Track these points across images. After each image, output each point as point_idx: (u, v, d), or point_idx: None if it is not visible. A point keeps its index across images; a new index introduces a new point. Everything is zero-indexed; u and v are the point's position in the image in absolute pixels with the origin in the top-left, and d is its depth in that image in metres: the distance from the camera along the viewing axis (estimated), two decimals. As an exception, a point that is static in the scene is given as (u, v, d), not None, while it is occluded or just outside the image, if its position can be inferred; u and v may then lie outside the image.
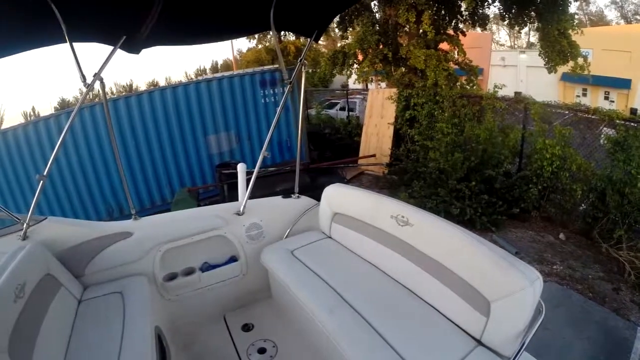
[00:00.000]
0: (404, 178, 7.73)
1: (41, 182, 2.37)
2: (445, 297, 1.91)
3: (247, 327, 2.66)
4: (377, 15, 9.84)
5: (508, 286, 1.64)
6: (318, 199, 2.88)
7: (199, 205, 6.55)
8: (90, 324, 2.17)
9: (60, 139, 2.36)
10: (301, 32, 3.27)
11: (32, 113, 34.63)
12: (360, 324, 1.88)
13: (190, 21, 2.40)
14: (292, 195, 2.97)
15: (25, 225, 2.43)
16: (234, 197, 3.59)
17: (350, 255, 2.53)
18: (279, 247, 2.65)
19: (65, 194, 7.70)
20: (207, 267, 2.69)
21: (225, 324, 2.72)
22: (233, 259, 2.75)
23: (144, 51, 2.46)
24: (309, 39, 2.84)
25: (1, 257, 2.43)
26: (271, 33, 2.67)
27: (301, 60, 2.80)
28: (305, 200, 2.96)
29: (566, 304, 4.18)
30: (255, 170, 2.78)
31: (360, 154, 9.67)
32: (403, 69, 9.21)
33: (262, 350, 2.45)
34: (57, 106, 30.87)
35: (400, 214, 2.20)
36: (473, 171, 6.50)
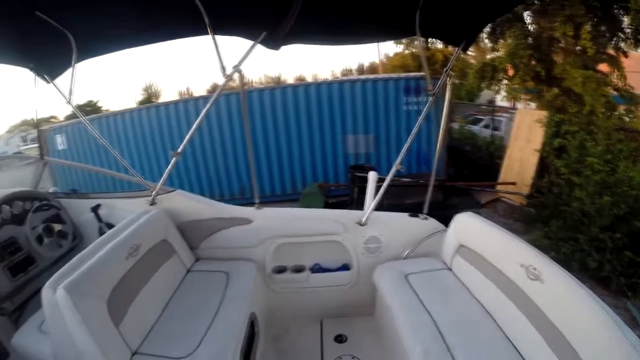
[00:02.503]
0: (542, 214, 6.91)
1: (174, 158, 2.55)
2: None
3: (340, 338, 2.61)
4: (530, 28, 8.95)
5: None
6: (446, 221, 2.64)
7: (326, 202, 6.86)
8: (191, 293, 2.30)
9: (197, 121, 2.54)
10: (448, 40, 3.11)
11: (186, 92, 40.11)
12: None
13: (331, 21, 2.38)
14: (420, 215, 2.77)
15: (154, 192, 2.68)
16: (363, 201, 3.69)
17: (467, 295, 2.24)
18: (394, 268, 2.49)
19: (195, 170, 8.75)
20: (317, 269, 2.72)
21: (320, 328, 2.70)
22: (345, 267, 2.72)
23: (290, 47, 2.51)
24: (456, 48, 2.64)
25: (127, 215, 2.73)
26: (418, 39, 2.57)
27: (447, 70, 2.66)
28: (432, 224, 2.75)
29: None
30: (386, 182, 2.64)
31: (500, 179, 8.88)
32: (556, 90, 8.13)
33: None
34: (210, 89, 35.02)
35: (533, 265, 1.86)
36: (620, 220, 5.51)
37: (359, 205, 6.01)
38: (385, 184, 2.65)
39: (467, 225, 2.49)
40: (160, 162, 8.79)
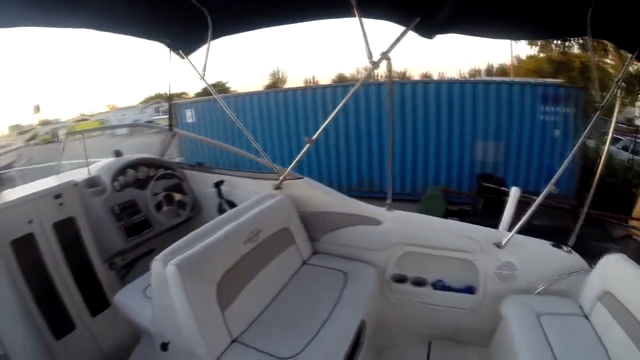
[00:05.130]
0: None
1: (308, 144, 2.47)
2: None
3: None
4: None
5: None
6: (580, 251, 2.29)
7: (447, 209, 6.44)
8: (305, 287, 2.19)
9: (336, 109, 2.43)
10: (622, 44, 2.59)
11: (311, 80, 41.73)
12: None
13: (492, 12, 2.08)
14: (564, 247, 2.39)
15: (282, 177, 2.62)
16: (486, 214, 3.28)
17: (602, 354, 1.88)
18: (525, 303, 2.16)
19: (326, 157, 8.74)
20: (439, 286, 2.43)
21: (427, 349, 2.49)
22: (469, 290, 2.40)
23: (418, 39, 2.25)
24: (630, 55, 2.19)
25: (249, 196, 2.73)
26: (586, 39, 2.16)
27: (618, 81, 2.20)
28: (576, 260, 2.34)
29: None
30: (537, 202, 2.30)
31: (635, 212, 7.50)
32: None
33: None
34: (335, 78, 35.73)
35: None
36: None
37: (482, 217, 5.58)
38: (535, 205, 2.30)
39: (618, 271, 2.07)
40: (283, 146, 8.98)
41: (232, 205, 3.02)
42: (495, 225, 2.43)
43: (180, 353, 1.84)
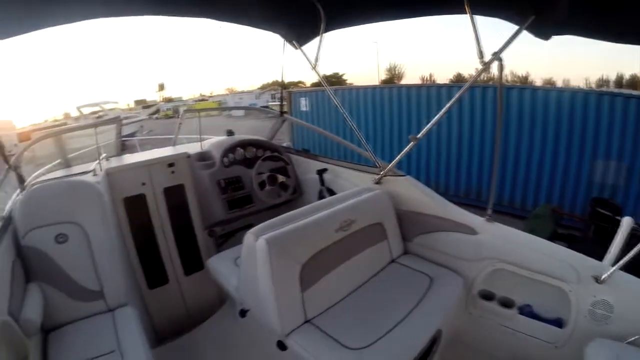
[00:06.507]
0: None
1: (412, 142, 2.44)
2: None
3: None
4: None
5: None
6: None
7: (555, 231, 5.97)
8: (388, 285, 2.16)
9: (443, 110, 2.35)
10: None
11: (428, 78, 41.41)
12: None
13: (616, 12, 1.79)
14: None
15: (383, 172, 2.63)
16: (596, 242, 2.88)
17: None
18: (615, 351, 1.79)
19: (425, 158, 8.62)
20: (527, 311, 2.18)
21: None
22: (557, 322, 2.09)
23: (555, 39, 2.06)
24: None
25: (350, 186, 2.82)
26: None
27: None
28: None
29: None
30: None
31: None
32: None
33: None
34: (452, 78, 35.01)
35: None
36: None
37: (592, 245, 5.06)
38: None
39: None
40: (393, 142, 9.05)
41: (332, 193, 3.12)
42: (602, 257, 2.14)
43: (256, 322, 1.94)
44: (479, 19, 2.00)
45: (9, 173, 2.35)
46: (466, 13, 1.97)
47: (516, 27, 1.97)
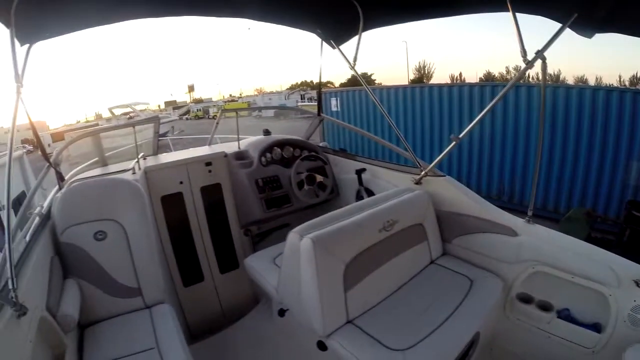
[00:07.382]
0: None
1: (453, 143, 2.39)
2: None
3: None
4: None
5: None
6: None
7: (589, 234, 5.91)
8: (427, 286, 2.15)
9: (486, 109, 2.33)
10: None
11: (458, 77, 41.11)
12: None
13: None
14: None
15: (423, 172, 2.59)
16: (632, 246, 2.76)
17: None
18: None
19: (457, 157, 8.58)
20: (565, 315, 2.13)
21: None
22: (595, 327, 2.02)
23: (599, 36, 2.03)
24: None
25: (388, 187, 2.80)
26: None
27: None
28: None
29: None
30: None
31: None
32: None
33: None
34: (482, 77, 34.45)
35: None
36: None
37: (626, 249, 5.11)
38: None
39: None
40: (425, 142, 9.09)
41: (370, 193, 3.08)
42: (637, 263, 2.06)
43: (295, 321, 1.95)
44: (521, 17, 1.99)
45: (49, 170, 2.40)
46: (508, 10, 1.95)
47: (559, 25, 1.94)
